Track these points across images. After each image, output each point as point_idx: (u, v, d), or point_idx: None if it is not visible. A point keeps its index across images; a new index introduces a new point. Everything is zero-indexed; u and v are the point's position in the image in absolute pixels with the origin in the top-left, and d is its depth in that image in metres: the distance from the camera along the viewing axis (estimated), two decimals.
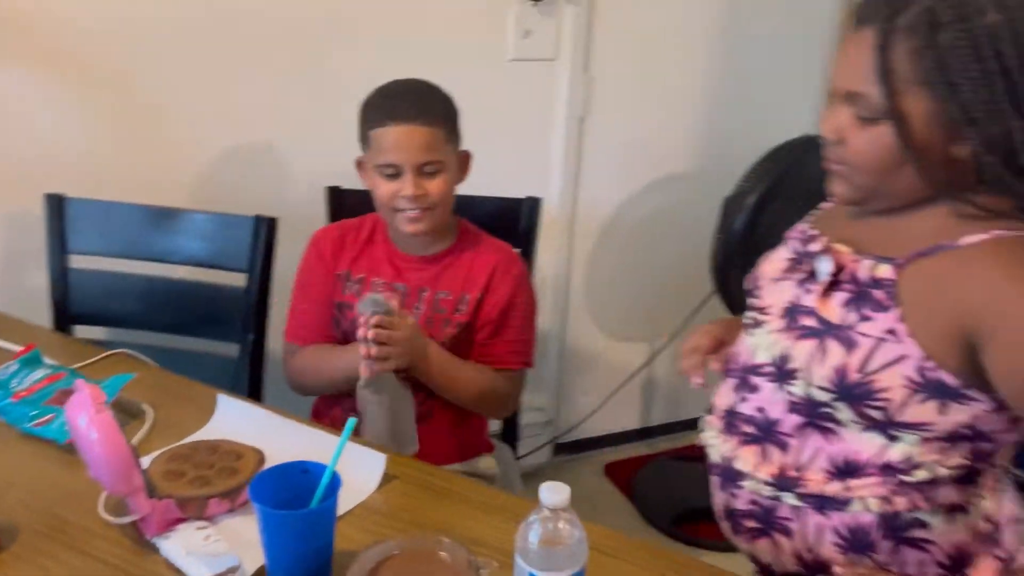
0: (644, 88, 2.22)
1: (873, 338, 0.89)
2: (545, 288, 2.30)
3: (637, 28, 2.14)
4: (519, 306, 1.40)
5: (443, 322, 1.36)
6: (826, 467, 0.95)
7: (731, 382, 1.05)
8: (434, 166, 1.30)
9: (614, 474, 2.47)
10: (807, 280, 0.97)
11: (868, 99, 0.87)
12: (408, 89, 1.34)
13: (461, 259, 1.39)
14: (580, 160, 2.20)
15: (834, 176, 0.96)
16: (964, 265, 0.86)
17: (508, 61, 2.02)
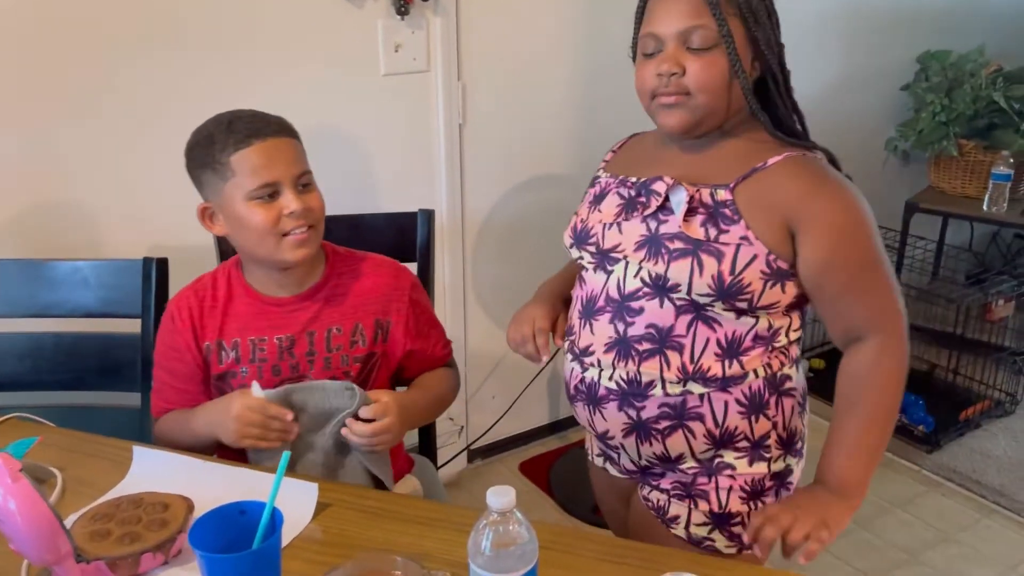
0: (517, 92, 2.26)
1: (732, 246, 1.08)
2: (443, 298, 2.31)
3: (504, 34, 2.19)
4: (426, 308, 1.40)
5: (342, 360, 1.29)
6: (716, 352, 1.14)
7: (605, 316, 1.18)
8: (307, 178, 1.24)
9: (530, 471, 2.51)
10: (655, 213, 1.13)
11: (705, 30, 1.08)
12: (250, 111, 1.24)
13: (341, 287, 1.31)
14: (463, 167, 2.23)
15: (671, 108, 1.12)
16: (776, 178, 1.11)
17: (382, 76, 2.02)
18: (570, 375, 1.26)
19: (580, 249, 1.23)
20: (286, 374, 1.27)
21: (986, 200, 2.75)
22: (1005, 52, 3.18)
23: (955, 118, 2.81)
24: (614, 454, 1.30)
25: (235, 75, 1.84)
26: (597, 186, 1.28)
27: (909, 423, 2.63)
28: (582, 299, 1.23)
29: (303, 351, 1.27)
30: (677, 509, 1.22)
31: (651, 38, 1.13)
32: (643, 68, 1.15)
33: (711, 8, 1.08)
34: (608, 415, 1.21)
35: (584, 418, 1.26)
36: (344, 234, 1.71)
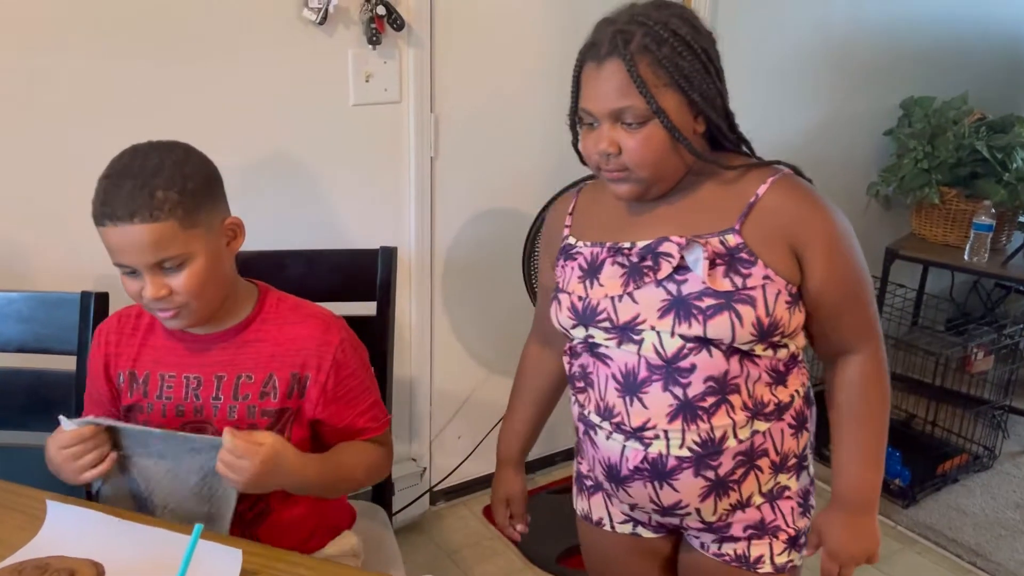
0: (491, 126, 2.21)
1: (759, 288, 1.08)
2: (409, 336, 2.24)
3: (479, 67, 2.14)
4: (354, 372, 1.26)
5: (249, 411, 1.20)
6: (768, 382, 1.14)
7: (655, 385, 1.11)
8: (174, 261, 1.11)
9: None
10: (671, 276, 1.09)
11: (634, 108, 1.06)
12: (127, 173, 1.10)
13: (263, 333, 1.22)
14: (434, 202, 2.17)
15: (617, 183, 1.12)
16: (772, 207, 1.10)
17: (352, 106, 1.96)
18: (623, 456, 1.16)
19: (590, 328, 1.16)
20: (189, 417, 1.21)
21: (967, 250, 2.72)
22: (989, 101, 3.16)
23: (937, 165, 2.78)
24: (673, 519, 1.21)
25: (195, 97, 1.77)
26: (579, 257, 1.20)
27: (885, 476, 2.57)
28: (615, 376, 1.14)
29: (209, 394, 1.21)
30: (759, 549, 1.22)
31: (586, 113, 1.11)
32: (585, 139, 1.13)
33: (638, 88, 1.05)
34: (681, 485, 1.14)
35: (644, 495, 1.18)
36: (301, 270, 1.64)
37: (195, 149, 1.18)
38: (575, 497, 1.38)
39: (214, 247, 1.16)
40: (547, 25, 2.21)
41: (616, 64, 1.06)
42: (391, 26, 1.91)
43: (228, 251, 1.20)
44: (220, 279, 1.18)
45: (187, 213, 1.11)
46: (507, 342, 2.42)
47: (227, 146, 1.82)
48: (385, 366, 1.63)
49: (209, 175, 1.17)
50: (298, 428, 1.24)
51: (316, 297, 1.64)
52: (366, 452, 1.29)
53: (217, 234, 1.17)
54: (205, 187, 1.15)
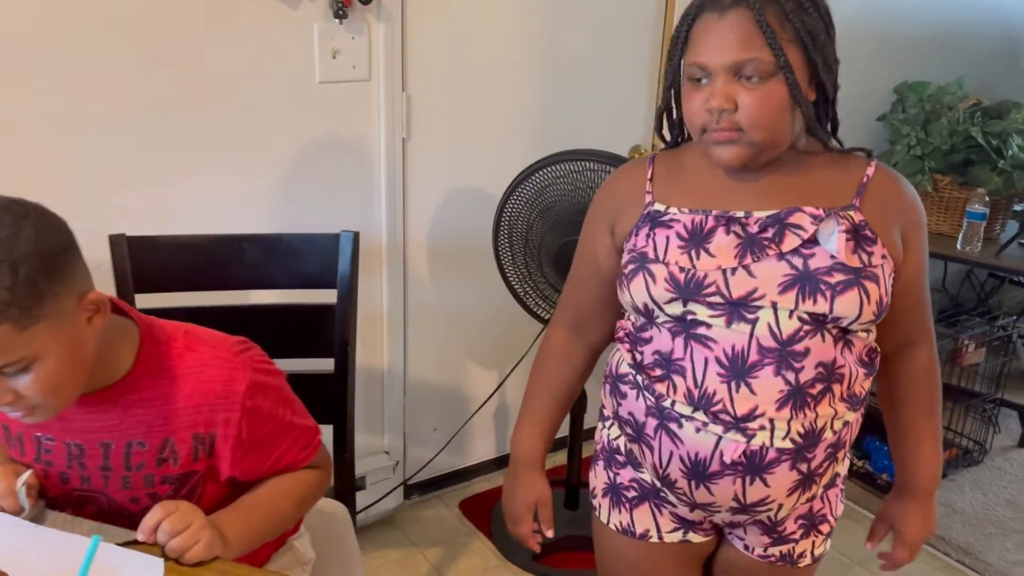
0: (466, 105, 2.12)
1: (880, 267, 1.05)
2: (381, 324, 2.16)
3: (454, 43, 2.05)
4: (271, 413, 1.09)
5: (147, 480, 1.04)
6: (863, 371, 1.10)
7: (767, 370, 1.04)
8: (15, 366, 0.89)
9: (470, 510, 2.35)
10: (798, 249, 1.03)
11: (759, 61, 0.99)
12: None
13: (150, 391, 1.02)
14: (406, 183, 2.08)
15: (724, 145, 1.04)
16: (882, 190, 1.09)
17: (318, 84, 1.87)
18: (717, 450, 1.06)
19: (691, 303, 1.06)
20: (75, 484, 1.06)
21: (960, 239, 2.64)
22: (985, 86, 3.08)
23: (931, 152, 2.70)
24: (743, 516, 1.14)
25: (153, 73, 1.68)
26: (676, 225, 1.09)
27: (874, 471, 2.51)
28: (720, 360, 1.05)
29: (96, 464, 1.04)
30: (803, 546, 1.21)
31: (697, 68, 1.03)
32: (691, 98, 1.05)
33: (767, 37, 0.99)
34: (775, 479, 1.07)
35: (727, 493, 1.09)
36: (259, 256, 1.56)
37: (36, 213, 0.91)
38: (605, 511, 1.26)
39: (68, 335, 0.93)
40: (523, 1, 2.12)
41: (742, 13, 0.99)
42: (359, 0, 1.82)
43: (90, 330, 0.96)
44: (80, 367, 0.96)
45: (24, 311, 0.87)
46: (485, 330, 2.36)
47: (186, 125, 1.74)
48: (347, 358, 1.55)
49: (52, 250, 0.90)
50: (213, 487, 1.10)
51: (276, 284, 1.58)
52: (294, 485, 1.14)
53: (71, 319, 0.93)
54: (47, 269, 0.89)
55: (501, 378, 2.39)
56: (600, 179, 1.91)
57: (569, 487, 2.26)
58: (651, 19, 2.36)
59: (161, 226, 1.58)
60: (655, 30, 2.37)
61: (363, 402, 2.19)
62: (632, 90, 2.41)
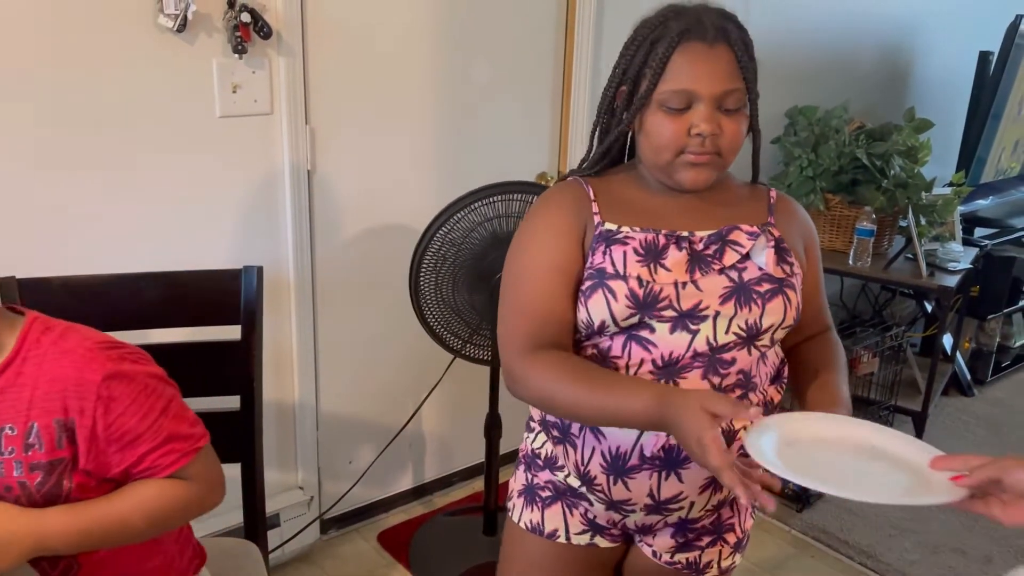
0: (373, 138, 2.13)
1: (798, 276, 1.17)
2: (291, 358, 2.14)
3: (358, 75, 2.06)
4: (129, 409, 1.07)
5: (16, 466, 1.04)
6: (770, 380, 1.19)
7: (695, 372, 1.11)
8: None
9: (389, 542, 2.34)
10: (735, 264, 1.13)
11: (740, 92, 1.10)
12: None
13: (24, 377, 1.05)
14: (313, 216, 2.07)
15: (698, 167, 1.12)
16: (785, 208, 1.23)
17: (218, 118, 1.86)
18: (638, 444, 1.13)
19: (646, 316, 1.10)
20: None
21: (851, 255, 2.78)
22: (869, 109, 3.26)
23: (821, 173, 2.84)
24: (655, 517, 1.20)
25: (48, 109, 1.64)
26: (631, 242, 1.12)
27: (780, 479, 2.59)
28: (655, 361, 1.11)
29: None
30: (710, 555, 1.26)
31: (683, 95, 1.09)
32: (665, 123, 1.10)
33: (742, 72, 1.10)
34: (689, 475, 1.15)
35: (643, 488, 1.16)
36: (159, 294, 1.53)
37: None
38: (518, 510, 1.30)
39: None
40: (426, 32, 2.15)
41: (725, 48, 1.09)
42: (258, 34, 1.82)
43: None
44: None
45: None
46: (398, 360, 2.36)
47: (82, 160, 1.70)
48: (252, 392, 1.53)
49: None
50: (80, 478, 1.08)
51: (177, 322, 1.55)
52: (150, 495, 1.10)
53: None
54: None
55: (415, 407, 2.39)
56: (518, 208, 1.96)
57: (487, 513, 2.27)
58: (551, 48, 2.42)
59: (55, 267, 1.53)
60: (556, 59, 2.44)
61: (275, 438, 2.16)
62: (536, 118, 2.46)
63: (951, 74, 3.76)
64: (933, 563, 2.32)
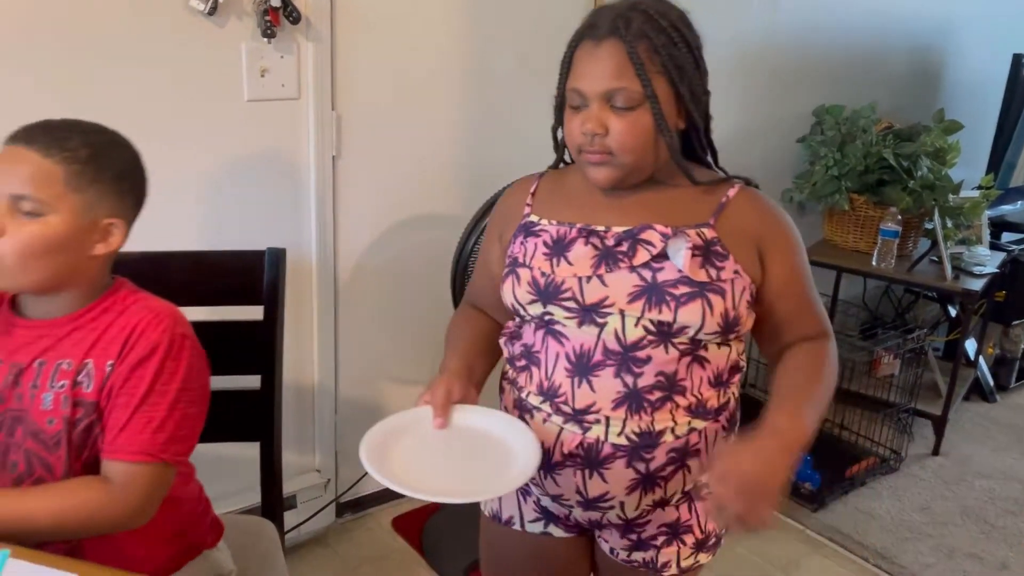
0: (398, 124, 2.14)
1: (729, 282, 1.10)
2: (312, 343, 2.16)
3: (385, 62, 2.07)
4: (151, 375, 1.09)
5: (63, 401, 1.08)
6: (709, 385, 1.15)
7: (607, 370, 1.11)
8: (32, 204, 1.04)
9: (403, 528, 2.35)
10: (648, 263, 1.10)
11: (628, 91, 1.06)
12: (63, 120, 1.11)
13: (95, 322, 1.12)
14: (336, 200, 2.09)
15: (597, 166, 1.11)
16: (741, 208, 1.14)
17: (246, 102, 1.88)
18: (558, 441, 1.15)
19: (550, 305, 1.13)
20: (10, 404, 1.11)
21: (875, 255, 2.76)
22: (897, 110, 3.23)
23: (847, 172, 2.82)
24: (595, 513, 1.20)
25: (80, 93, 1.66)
26: (544, 234, 1.17)
27: (796, 480, 2.58)
28: (568, 356, 1.13)
29: (29, 381, 1.10)
30: (667, 555, 1.23)
31: (576, 93, 1.11)
32: (570, 121, 1.13)
33: (635, 69, 1.06)
34: (612, 475, 1.14)
35: (571, 485, 1.16)
36: (185, 273, 1.55)
37: (137, 155, 1.17)
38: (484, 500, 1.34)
39: (72, 229, 1.06)
40: (454, 19, 2.16)
41: (614, 45, 1.06)
42: (287, 19, 1.83)
43: (83, 246, 1.09)
44: (52, 263, 1.06)
45: (79, 174, 1.06)
46: (417, 347, 2.37)
47: None
48: (273, 374, 1.55)
49: (127, 172, 1.14)
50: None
51: (197, 302, 1.57)
52: (61, 495, 1.07)
53: (86, 222, 1.08)
54: (117, 175, 1.11)
55: None
56: None
57: None
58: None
59: None
60: None
61: (294, 420, 2.18)
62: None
63: (983, 76, 3.72)
64: (948, 568, 2.30)
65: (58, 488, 1.08)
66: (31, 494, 1.07)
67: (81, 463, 1.11)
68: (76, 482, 1.09)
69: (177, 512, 1.22)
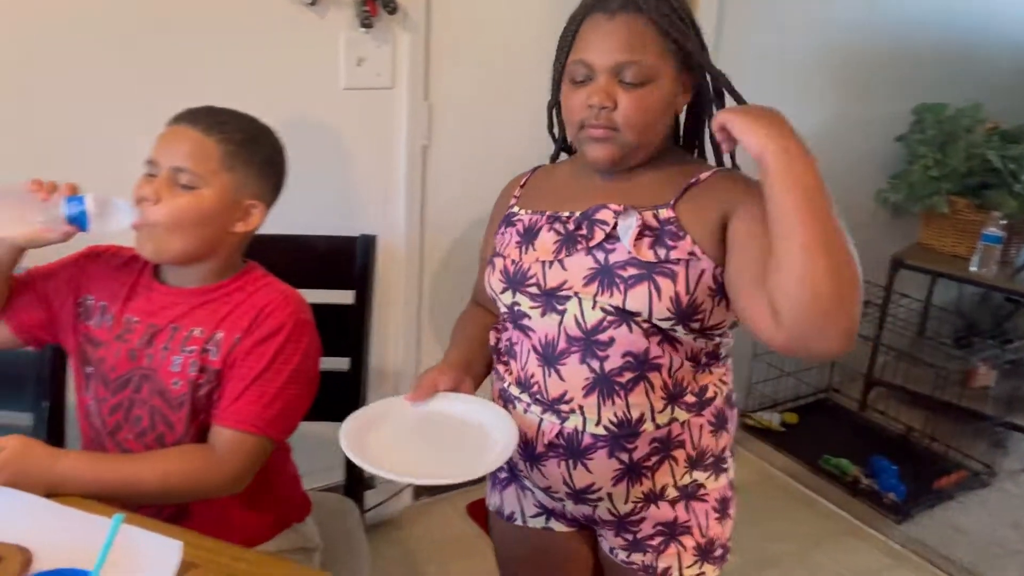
0: (488, 115, 2.16)
1: (683, 263, 1.05)
2: (396, 329, 2.20)
3: (478, 55, 2.09)
4: (271, 352, 1.16)
5: (191, 365, 1.16)
6: (689, 368, 1.12)
7: (573, 357, 1.10)
8: (189, 178, 1.14)
9: (477, 513, 2.38)
10: (601, 244, 1.08)
11: (640, 65, 1.05)
12: (224, 108, 1.23)
13: (229, 297, 1.20)
14: (425, 189, 2.12)
15: (600, 142, 1.09)
16: (711, 186, 1.10)
17: (343, 90, 1.92)
18: (540, 430, 1.15)
19: (517, 293, 1.15)
20: (141, 363, 1.19)
21: (975, 261, 2.65)
22: (1004, 110, 3.09)
23: (947, 174, 2.71)
24: (586, 508, 1.19)
25: (182, 79, 1.73)
26: (518, 224, 1.21)
27: (880, 490, 2.51)
28: (536, 347, 1.14)
29: (162, 343, 1.18)
30: (667, 560, 1.19)
31: (582, 65, 1.09)
32: (572, 96, 1.11)
33: (649, 43, 1.06)
34: (595, 466, 1.13)
35: (557, 476, 1.16)
36: (277, 255, 1.59)
37: (282, 146, 1.27)
38: (488, 492, 1.36)
39: (220, 204, 1.16)
40: (547, 13, 2.15)
41: (629, 18, 1.06)
42: (384, 9, 1.86)
43: (226, 222, 1.18)
44: (198, 234, 1.16)
45: (234, 154, 1.16)
46: None
47: None
48: (361, 357, 1.59)
49: (273, 160, 1.24)
50: None
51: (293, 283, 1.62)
52: (169, 460, 1.13)
53: (232, 200, 1.18)
54: (264, 161, 1.21)
55: None
56: None
57: None
58: None
59: None
60: None
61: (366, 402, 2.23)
62: None
63: None
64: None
65: (164, 454, 1.15)
66: (139, 459, 1.14)
67: (198, 425, 1.18)
68: (181, 449, 1.16)
69: (274, 485, 1.28)
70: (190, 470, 1.13)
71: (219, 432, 1.15)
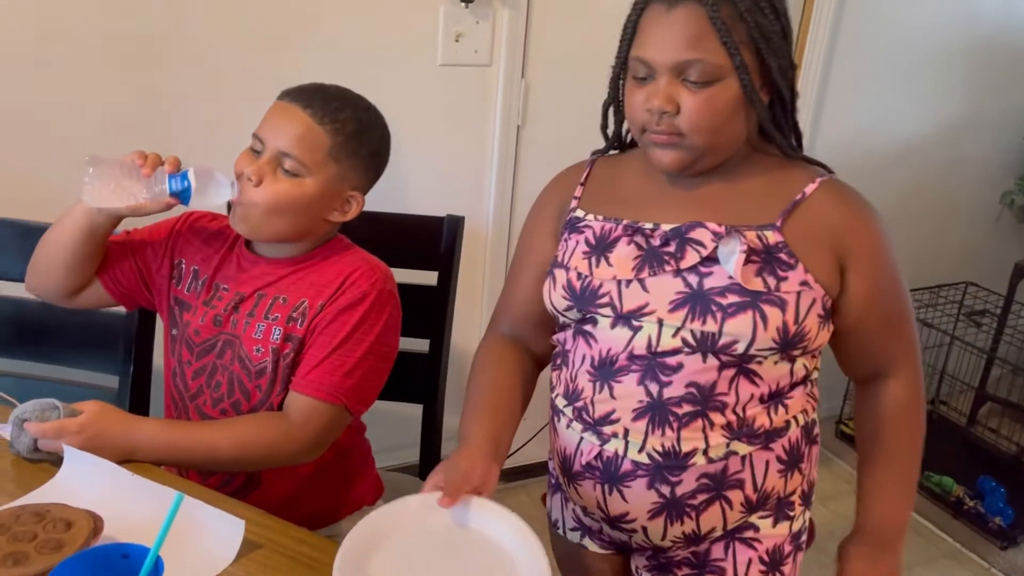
0: (585, 96, 2.07)
1: (794, 293, 0.96)
2: (478, 311, 2.17)
3: (577, 34, 2.02)
4: (352, 322, 1.14)
5: (274, 332, 1.16)
6: (759, 402, 1.01)
7: (631, 376, 1.00)
8: (294, 165, 1.11)
9: None
10: (696, 266, 0.97)
11: (705, 63, 0.93)
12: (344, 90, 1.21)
13: (316, 266, 1.20)
14: (517, 170, 2.07)
15: (663, 148, 0.98)
16: (819, 208, 1.00)
17: (439, 66, 1.89)
18: (578, 449, 1.06)
19: (585, 311, 1.03)
20: (225, 327, 1.19)
21: None
22: None
23: None
24: (621, 535, 1.10)
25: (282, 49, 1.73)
26: (587, 231, 1.07)
27: (986, 512, 2.35)
28: (592, 358, 1.03)
29: (247, 310, 1.19)
30: None
31: (641, 63, 0.97)
32: (633, 95, 1.00)
33: (720, 36, 0.92)
34: (632, 495, 1.03)
35: (592, 498, 1.07)
36: (362, 232, 1.58)
37: (389, 137, 1.25)
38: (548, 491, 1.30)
39: (321, 195, 1.14)
40: None
41: (692, 10, 0.93)
42: None
43: (324, 211, 1.17)
44: (294, 221, 1.15)
45: (342, 146, 1.13)
46: None
47: None
48: (442, 337, 1.56)
49: (379, 152, 1.21)
50: None
51: None
52: (245, 427, 1.13)
53: (334, 191, 1.16)
54: (371, 153, 1.18)
55: None
56: None
57: None
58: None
59: None
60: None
61: (455, 386, 2.20)
62: None
63: None
64: None
65: (240, 421, 1.16)
66: (215, 426, 1.14)
67: (275, 397, 1.18)
68: (257, 416, 1.16)
69: (346, 463, 1.27)
70: (265, 437, 1.12)
71: (296, 399, 1.14)
